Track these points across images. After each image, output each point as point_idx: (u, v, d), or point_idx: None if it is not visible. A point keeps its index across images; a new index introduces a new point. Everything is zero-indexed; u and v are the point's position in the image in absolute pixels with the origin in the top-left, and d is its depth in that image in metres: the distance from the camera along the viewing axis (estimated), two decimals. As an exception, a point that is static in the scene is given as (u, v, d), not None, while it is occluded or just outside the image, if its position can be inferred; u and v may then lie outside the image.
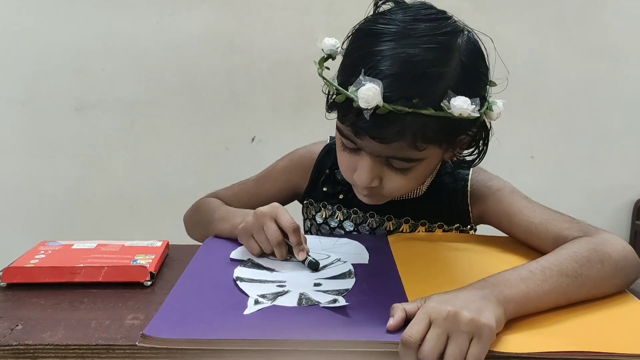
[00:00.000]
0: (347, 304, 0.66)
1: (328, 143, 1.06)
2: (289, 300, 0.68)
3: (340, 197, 1.02)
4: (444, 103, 0.73)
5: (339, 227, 1.03)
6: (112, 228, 2.03)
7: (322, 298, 0.68)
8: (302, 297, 0.69)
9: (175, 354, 0.58)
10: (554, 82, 2.03)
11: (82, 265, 0.76)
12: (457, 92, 0.73)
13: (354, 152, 0.83)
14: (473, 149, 0.87)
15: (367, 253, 0.87)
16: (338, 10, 1.89)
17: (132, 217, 2.05)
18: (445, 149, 0.82)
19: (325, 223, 1.04)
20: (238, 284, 0.72)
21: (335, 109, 0.80)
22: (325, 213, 1.04)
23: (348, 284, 0.74)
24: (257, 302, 0.67)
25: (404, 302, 0.64)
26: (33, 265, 0.76)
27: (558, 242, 0.80)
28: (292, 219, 0.83)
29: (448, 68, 0.75)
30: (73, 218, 2.02)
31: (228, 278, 0.75)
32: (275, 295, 0.69)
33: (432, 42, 0.75)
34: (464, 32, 0.79)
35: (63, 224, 2.01)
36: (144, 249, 0.84)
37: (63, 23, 1.90)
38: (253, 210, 0.90)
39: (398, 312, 0.62)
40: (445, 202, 0.98)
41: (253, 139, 2.01)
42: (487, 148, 0.87)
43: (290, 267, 0.81)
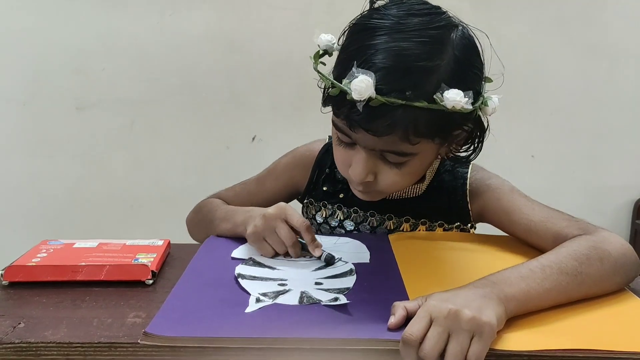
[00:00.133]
0: (348, 302, 0.66)
1: (327, 142, 1.06)
2: (291, 299, 0.68)
3: (341, 196, 1.02)
4: (437, 96, 0.73)
5: (340, 226, 1.03)
6: (112, 228, 2.03)
7: (323, 296, 0.69)
8: (303, 295, 0.69)
9: (178, 352, 0.58)
10: (554, 81, 2.03)
11: (83, 264, 0.76)
12: (450, 85, 0.73)
13: (349, 146, 0.83)
14: (470, 145, 0.87)
15: (367, 252, 0.87)
16: (338, 10, 1.89)
17: (132, 216, 2.05)
18: (440, 144, 0.83)
19: (326, 222, 1.04)
20: (239, 282, 0.73)
21: (330, 103, 0.80)
22: (326, 212, 1.04)
23: (349, 283, 0.74)
24: (258, 300, 0.67)
25: (405, 300, 0.64)
26: (35, 264, 0.76)
27: (558, 240, 0.80)
28: (302, 217, 0.84)
29: (441, 61, 0.75)
30: (73, 218, 2.02)
31: (229, 276, 0.75)
32: (277, 294, 0.69)
33: (424, 36, 0.75)
34: (459, 27, 0.79)
35: (63, 224, 2.01)
36: (146, 248, 0.84)
37: (63, 23, 1.90)
38: (254, 208, 0.90)
39: (399, 310, 0.62)
40: (445, 200, 0.98)
41: (253, 139, 2.02)
42: (482, 144, 0.87)
43: (292, 265, 0.81)
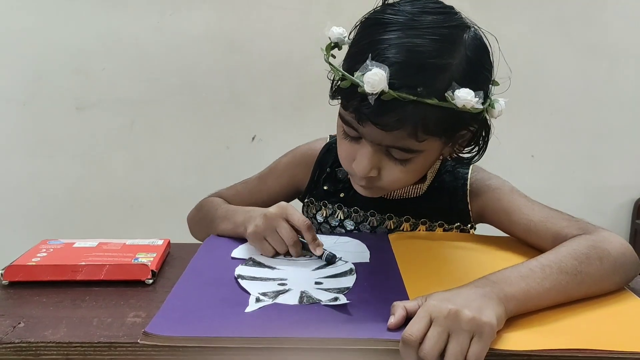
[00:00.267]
0: (348, 302, 0.66)
1: (328, 141, 1.06)
2: (290, 298, 0.68)
3: (342, 195, 1.02)
4: (448, 94, 0.73)
5: (340, 225, 1.03)
6: (112, 228, 2.03)
7: (323, 296, 0.69)
8: (303, 295, 0.69)
9: (177, 352, 0.58)
10: (554, 81, 2.03)
11: (83, 264, 0.76)
12: (461, 84, 0.74)
13: (355, 140, 0.83)
14: (473, 147, 0.87)
15: (368, 251, 0.87)
16: (338, 10, 1.89)
17: (132, 216, 2.05)
18: (445, 143, 0.83)
19: (326, 222, 1.04)
20: (239, 282, 0.73)
21: (340, 95, 0.80)
22: (326, 212, 1.04)
23: (349, 282, 0.74)
24: (258, 300, 0.67)
25: (405, 300, 0.64)
26: (35, 264, 0.76)
27: (557, 240, 0.80)
28: (303, 217, 0.84)
29: (453, 60, 0.75)
30: (73, 217, 2.02)
31: (229, 276, 0.75)
32: (277, 294, 0.69)
33: (438, 34, 0.75)
34: (471, 28, 0.80)
35: (63, 224, 2.01)
36: (146, 247, 0.84)
37: (63, 23, 1.90)
38: (254, 208, 0.90)
39: (399, 310, 0.62)
40: (446, 200, 0.98)
41: (253, 139, 2.02)
42: (487, 145, 0.87)
43: (292, 265, 0.81)
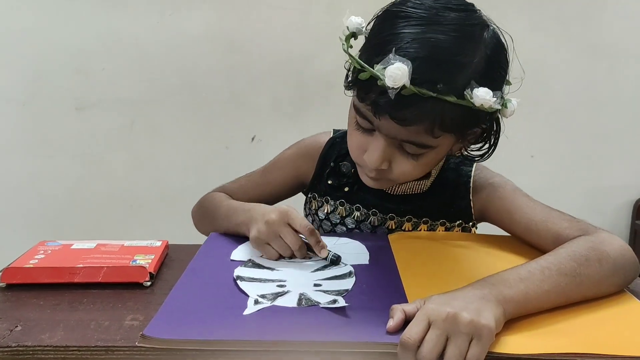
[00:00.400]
0: (346, 305, 0.66)
1: (332, 136, 1.06)
2: (289, 301, 0.68)
3: (346, 189, 1.02)
4: (467, 92, 0.73)
5: (341, 223, 1.03)
6: (112, 228, 2.03)
7: (322, 298, 0.68)
8: (302, 297, 0.69)
9: (175, 355, 0.58)
10: (554, 81, 2.03)
11: (81, 266, 0.76)
12: (479, 83, 0.74)
13: (368, 132, 0.83)
14: (482, 144, 0.88)
15: (367, 253, 0.87)
16: (338, 10, 1.88)
17: (132, 216, 2.05)
18: (456, 140, 0.83)
19: (327, 219, 1.04)
20: (238, 284, 0.73)
21: (357, 87, 0.79)
22: (328, 208, 1.04)
23: (348, 284, 0.74)
24: (257, 302, 0.67)
25: (404, 302, 0.64)
26: (32, 266, 0.76)
27: (558, 241, 0.80)
28: (305, 221, 0.83)
29: (473, 59, 0.75)
30: (73, 218, 2.02)
31: (228, 278, 0.75)
32: (275, 296, 0.69)
33: (460, 31, 0.75)
34: (490, 27, 0.80)
35: (63, 224, 2.01)
36: (144, 249, 0.84)
37: (63, 23, 1.90)
38: (254, 207, 0.90)
39: (397, 313, 0.62)
40: (448, 196, 0.98)
41: (253, 139, 2.01)
42: (497, 143, 0.88)
43: (291, 266, 0.81)
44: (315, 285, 0.73)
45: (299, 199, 1.11)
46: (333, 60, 0.82)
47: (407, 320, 0.60)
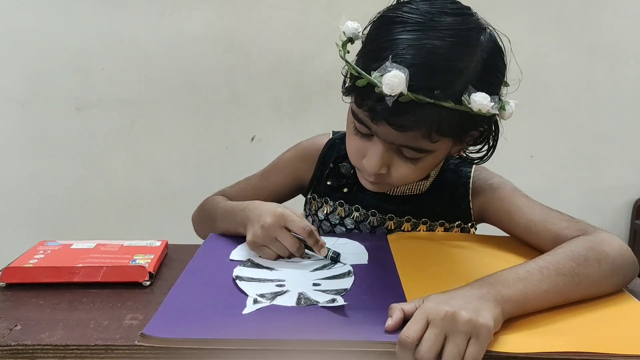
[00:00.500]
0: (345, 304, 0.66)
1: (331, 137, 1.06)
2: (288, 300, 0.68)
3: (345, 190, 1.02)
4: (465, 97, 0.73)
5: (340, 223, 1.03)
6: (111, 228, 2.03)
7: (320, 297, 0.69)
8: (301, 296, 0.69)
9: (174, 354, 0.58)
10: (554, 81, 2.03)
11: (81, 265, 0.76)
12: (476, 87, 0.74)
13: (366, 137, 0.83)
14: (481, 146, 0.88)
15: (366, 253, 0.87)
16: (338, 10, 1.89)
17: (131, 216, 2.05)
18: (454, 144, 0.83)
19: (327, 220, 1.04)
20: (237, 283, 0.73)
21: (354, 93, 0.79)
22: (327, 209, 1.04)
23: (347, 284, 0.74)
24: (256, 301, 0.67)
25: (403, 302, 0.64)
26: (32, 265, 0.76)
27: (557, 241, 0.80)
28: (302, 222, 0.83)
29: (470, 63, 0.75)
30: (73, 218, 2.02)
31: (227, 278, 0.75)
32: (274, 295, 0.69)
33: (456, 36, 0.75)
34: (487, 30, 0.80)
35: (63, 224, 2.02)
36: (143, 249, 0.84)
37: (63, 23, 1.90)
38: (249, 207, 0.89)
39: (396, 312, 0.62)
40: (448, 198, 0.98)
41: (253, 139, 2.02)
42: (496, 145, 0.88)
43: (290, 266, 0.81)
44: (314, 285, 0.73)
45: (299, 200, 1.12)
46: (333, 60, 0.82)
47: (405, 319, 0.61)
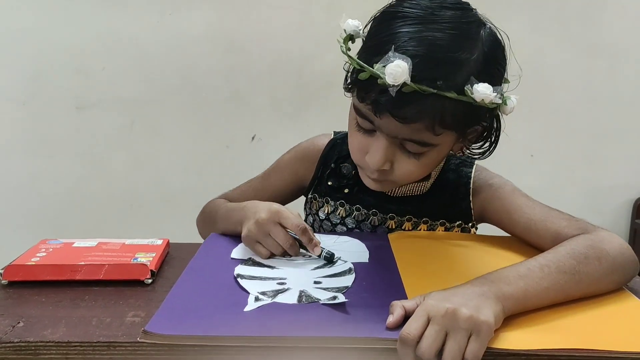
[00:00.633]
0: (346, 301, 0.66)
1: (333, 138, 1.07)
2: (289, 298, 0.68)
3: (346, 191, 1.02)
4: (467, 88, 0.74)
5: (341, 223, 1.03)
6: (112, 227, 2.03)
7: (322, 295, 0.69)
8: (302, 294, 0.69)
9: (176, 350, 0.58)
10: (554, 80, 2.03)
11: (83, 264, 0.76)
12: (478, 79, 0.75)
13: (369, 133, 0.83)
14: (483, 143, 0.88)
15: (367, 251, 0.87)
16: (338, 10, 1.88)
17: (132, 216, 2.05)
18: (457, 138, 0.84)
19: (328, 219, 1.05)
20: (238, 281, 0.73)
21: (357, 87, 0.80)
22: (328, 208, 1.04)
23: (348, 282, 0.74)
24: (257, 299, 0.67)
25: (404, 299, 0.65)
26: (34, 263, 0.76)
27: (557, 240, 0.80)
28: (296, 220, 0.83)
29: (471, 55, 0.76)
30: (73, 217, 2.02)
31: (229, 275, 0.75)
32: (276, 293, 0.69)
33: (457, 29, 0.76)
34: (487, 25, 0.81)
35: (63, 223, 2.01)
36: (145, 247, 0.84)
37: (63, 23, 1.91)
38: (247, 206, 0.89)
39: (397, 309, 0.62)
40: (448, 198, 0.98)
41: (253, 138, 2.02)
42: (498, 141, 0.88)
43: (291, 264, 0.81)
44: (315, 283, 0.74)
45: (301, 202, 1.12)
46: (333, 60, 0.82)
47: (406, 316, 0.61)
